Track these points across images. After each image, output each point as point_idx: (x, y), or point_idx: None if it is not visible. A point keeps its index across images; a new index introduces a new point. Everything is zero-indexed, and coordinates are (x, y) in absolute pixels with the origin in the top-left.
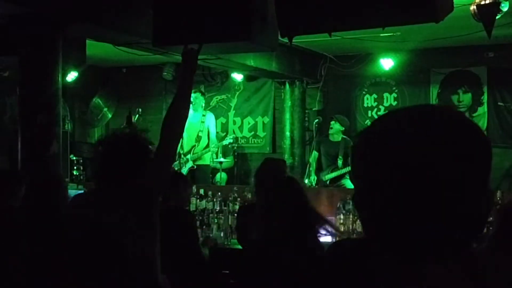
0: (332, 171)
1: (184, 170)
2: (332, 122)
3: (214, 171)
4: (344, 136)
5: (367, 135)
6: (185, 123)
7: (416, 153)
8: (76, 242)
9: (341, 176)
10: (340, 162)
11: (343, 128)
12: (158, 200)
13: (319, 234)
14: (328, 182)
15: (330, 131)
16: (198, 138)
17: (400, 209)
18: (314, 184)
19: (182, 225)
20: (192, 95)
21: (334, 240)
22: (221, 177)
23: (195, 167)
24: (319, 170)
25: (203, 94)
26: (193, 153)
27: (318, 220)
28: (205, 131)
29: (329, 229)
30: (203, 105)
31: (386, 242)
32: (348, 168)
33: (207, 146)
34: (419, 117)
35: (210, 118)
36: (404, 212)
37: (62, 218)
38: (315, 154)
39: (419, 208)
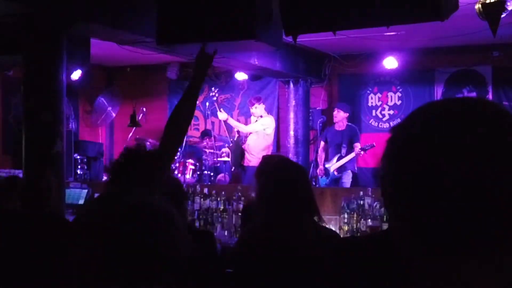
0: (337, 160)
1: None
2: (335, 112)
3: None
4: (349, 124)
5: (407, 126)
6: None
7: (462, 150)
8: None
9: (344, 166)
10: (344, 150)
11: (347, 114)
12: None
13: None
14: (335, 172)
15: (335, 120)
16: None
17: (441, 206)
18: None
19: None
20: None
21: None
22: None
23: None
24: (326, 160)
25: (259, 100)
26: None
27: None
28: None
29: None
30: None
31: (422, 238)
32: (350, 156)
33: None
34: (464, 111)
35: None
36: (445, 208)
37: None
38: (322, 144)
39: (462, 204)
